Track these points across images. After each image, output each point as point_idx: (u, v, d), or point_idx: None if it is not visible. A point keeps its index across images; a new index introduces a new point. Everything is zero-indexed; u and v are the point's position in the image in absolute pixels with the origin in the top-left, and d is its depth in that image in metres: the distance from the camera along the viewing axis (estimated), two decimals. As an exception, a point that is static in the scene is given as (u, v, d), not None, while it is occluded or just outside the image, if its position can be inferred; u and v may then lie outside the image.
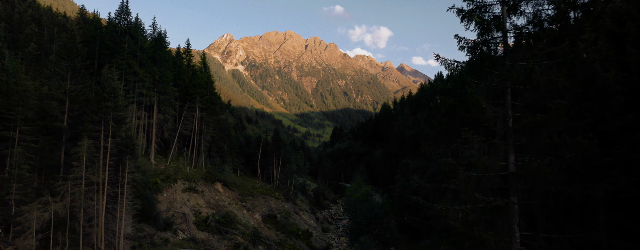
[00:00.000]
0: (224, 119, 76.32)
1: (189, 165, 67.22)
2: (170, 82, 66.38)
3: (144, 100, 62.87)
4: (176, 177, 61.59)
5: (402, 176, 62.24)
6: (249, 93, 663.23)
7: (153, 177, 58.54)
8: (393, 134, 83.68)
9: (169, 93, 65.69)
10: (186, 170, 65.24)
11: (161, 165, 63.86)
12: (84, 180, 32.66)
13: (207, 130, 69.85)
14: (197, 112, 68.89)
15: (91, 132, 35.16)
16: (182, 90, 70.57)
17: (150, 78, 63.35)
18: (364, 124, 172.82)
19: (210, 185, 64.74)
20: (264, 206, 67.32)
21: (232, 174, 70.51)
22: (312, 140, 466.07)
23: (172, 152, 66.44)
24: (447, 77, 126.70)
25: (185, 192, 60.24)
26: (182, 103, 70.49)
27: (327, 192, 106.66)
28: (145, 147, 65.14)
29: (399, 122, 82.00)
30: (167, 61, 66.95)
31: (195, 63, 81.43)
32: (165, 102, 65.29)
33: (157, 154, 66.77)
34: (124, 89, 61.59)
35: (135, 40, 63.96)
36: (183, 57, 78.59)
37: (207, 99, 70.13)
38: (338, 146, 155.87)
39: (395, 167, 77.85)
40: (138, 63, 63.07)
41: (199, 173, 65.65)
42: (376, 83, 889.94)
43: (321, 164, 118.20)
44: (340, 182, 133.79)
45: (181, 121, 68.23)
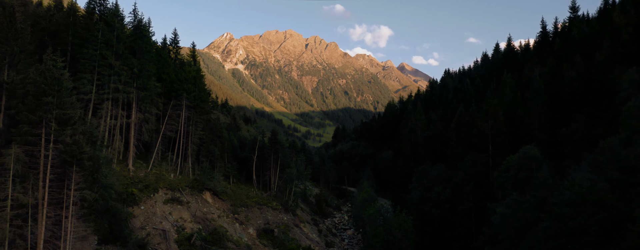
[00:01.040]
0: (215, 119, 67.80)
1: (174, 172, 58.68)
2: (152, 76, 57.84)
3: (121, 96, 54.34)
4: (157, 185, 53.08)
5: (419, 184, 53.71)
6: (249, 92, 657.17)
7: (129, 186, 50.07)
8: (404, 135, 75.17)
9: (151, 89, 57.13)
10: (170, 177, 56.73)
11: (141, 172, 55.34)
12: (9, 202, 24.15)
13: (195, 131, 61.32)
14: (183, 110, 60.35)
15: (27, 136, 26.68)
16: (167, 86, 62.05)
17: (128, 71, 54.84)
18: (367, 124, 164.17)
19: (198, 195, 56.24)
20: (259, 218, 58.81)
21: (224, 181, 62.02)
22: (313, 139, 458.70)
23: (154, 157, 57.92)
24: (458, 75, 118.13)
25: (167, 204, 51.73)
26: (166, 100, 61.96)
27: (330, 198, 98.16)
28: (122, 151, 56.64)
29: (411, 122, 73.55)
30: (149, 52, 58.36)
31: (183, 56, 72.92)
32: (146, 99, 56.73)
33: (137, 159, 58.24)
34: (97, 84, 53.19)
35: (110, 28, 55.26)
36: (170, 49, 70.09)
37: (195, 96, 61.59)
38: (341, 147, 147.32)
39: (408, 172, 69.32)
40: (113, 54, 54.52)
41: (185, 181, 57.14)
42: (377, 82, 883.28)
43: (323, 166, 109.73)
44: (344, 186, 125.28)
45: (165, 121, 59.70)
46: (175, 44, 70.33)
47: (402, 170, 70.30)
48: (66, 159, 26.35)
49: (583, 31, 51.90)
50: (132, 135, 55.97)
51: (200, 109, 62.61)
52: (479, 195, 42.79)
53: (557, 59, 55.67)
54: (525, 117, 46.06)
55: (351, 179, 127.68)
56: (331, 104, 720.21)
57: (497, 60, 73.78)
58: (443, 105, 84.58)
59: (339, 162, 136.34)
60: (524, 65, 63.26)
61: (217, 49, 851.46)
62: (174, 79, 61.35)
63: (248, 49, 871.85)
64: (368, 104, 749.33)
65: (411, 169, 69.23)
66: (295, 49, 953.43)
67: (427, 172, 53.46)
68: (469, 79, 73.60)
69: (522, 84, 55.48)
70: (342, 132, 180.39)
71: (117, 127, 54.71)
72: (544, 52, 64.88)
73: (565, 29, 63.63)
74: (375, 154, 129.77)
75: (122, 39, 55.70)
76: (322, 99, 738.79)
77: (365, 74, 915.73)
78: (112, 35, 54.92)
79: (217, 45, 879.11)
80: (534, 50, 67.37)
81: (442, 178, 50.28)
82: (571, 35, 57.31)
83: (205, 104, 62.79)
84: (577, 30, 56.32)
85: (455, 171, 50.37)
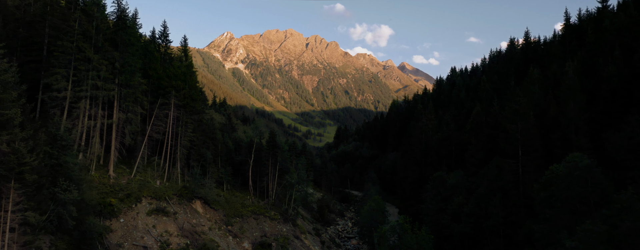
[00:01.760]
0: (207, 119, 61.84)
1: (160, 178, 52.79)
2: (136, 72, 51.89)
3: (100, 94, 48.46)
4: (140, 194, 47.21)
5: (434, 193, 47.76)
6: (249, 92, 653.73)
7: (108, 196, 44.22)
8: (413, 137, 69.18)
9: (134, 86, 51.22)
10: (155, 184, 50.83)
11: (123, 179, 49.45)
12: None
13: (184, 133, 55.41)
14: (171, 110, 54.46)
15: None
16: (154, 83, 56.16)
17: (108, 66, 49.01)
18: (371, 124, 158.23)
19: (187, 204, 50.33)
20: (255, 230, 52.89)
21: (217, 188, 56.11)
22: (313, 139, 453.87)
23: (139, 162, 52.02)
24: (468, 72, 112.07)
25: (151, 216, 45.85)
26: (153, 99, 56.08)
27: (332, 203, 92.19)
28: (103, 155, 50.77)
29: (421, 123, 67.55)
30: (133, 45, 52.43)
31: (174, 51, 66.94)
32: (129, 98, 50.82)
33: (120, 164, 52.37)
34: (73, 81, 47.31)
35: (89, 18, 49.34)
36: (159, 43, 64.13)
37: (185, 94, 55.69)
38: (343, 148, 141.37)
39: (419, 177, 63.38)
40: (92, 47, 48.70)
41: (173, 188, 51.25)
42: (377, 82, 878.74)
43: (325, 169, 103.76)
44: (347, 189, 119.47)
45: (151, 122, 53.80)
46: (165, 38, 64.30)
47: (412, 176, 64.33)
48: (1, 173, 20.43)
49: (621, 21, 45.87)
50: (114, 137, 50.10)
51: (191, 108, 56.71)
52: (509, 209, 36.84)
53: (589, 52, 49.72)
54: (559, 118, 40.07)
55: (354, 182, 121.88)
56: (332, 103, 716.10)
57: (514, 56, 67.83)
58: (454, 104, 78.57)
59: (342, 164, 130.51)
60: (548, 60, 57.29)
61: (217, 48, 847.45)
62: (162, 75, 55.45)
63: (248, 48, 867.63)
64: (369, 103, 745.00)
65: (422, 174, 63.29)
66: (295, 49, 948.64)
67: (444, 179, 47.47)
68: (486, 75, 67.60)
69: (550, 80, 49.52)
70: (344, 132, 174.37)
71: (96, 128, 48.84)
72: (570, 45, 58.91)
73: (593, 20, 57.71)
74: (379, 156, 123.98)
75: (102, 30, 49.85)
76: (323, 98, 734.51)
77: (365, 74, 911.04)
78: (91, 25, 49.08)
79: (218, 44, 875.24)
80: (558, 43, 61.36)
81: (462, 187, 44.29)
82: (602, 27, 51.40)
83: (196, 103, 56.87)
84: (609, 21, 50.40)
85: (477, 179, 44.39)
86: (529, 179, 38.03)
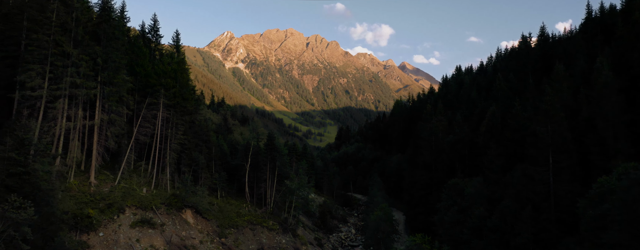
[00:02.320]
0: (201, 120, 57.11)
1: (147, 186, 48.13)
2: (121, 68, 47.33)
3: (80, 93, 43.86)
4: (124, 204, 42.57)
5: (450, 203, 43.04)
6: (250, 91, 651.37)
7: (86, 206, 39.61)
8: (422, 139, 64.48)
9: (119, 84, 46.61)
10: (141, 193, 46.16)
11: (105, 187, 44.81)
12: None
13: (175, 135, 50.76)
14: (160, 110, 49.79)
15: None
16: (141, 81, 51.54)
17: (89, 62, 44.42)
18: (373, 125, 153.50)
19: (176, 215, 45.65)
20: (252, 242, 48.21)
21: (210, 195, 51.45)
22: (314, 139, 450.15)
23: (123, 167, 47.36)
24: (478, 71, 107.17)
25: (135, 228, 41.21)
26: (141, 98, 51.44)
27: (334, 209, 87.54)
28: (84, 160, 46.15)
29: (431, 124, 62.82)
30: (118, 39, 47.80)
31: (165, 47, 62.29)
32: (113, 97, 46.22)
33: (103, 170, 47.72)
34: (49, 78, 42.70)
35: (68, 9, 44.68)
36: (149, 37, 59.48)
37: (175, 93, 51.02)
38: (345, 150, 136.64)
39: (428, 183, 58.70)
40: (71, 40, 44.08)
41: (161, 197, 46.58)
42: (378, 81, 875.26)
43: (327, 172, 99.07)
44: (349, 192, 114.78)
45: (138, 123, 49.16)
46: (156, 32, 59.70)
47: (421, 181, 59.58)
48: None
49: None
50: (96, 141, 45.46)
51: (182, 109, 52.05)
52: (540, 224, 32.16)
53: (619, 47, 45.03)
54: (595, 120, 35.38)
55: (357, 185, 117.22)
56: (332, 103, 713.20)
57: (531, 52, 63.17)
58: (465, 104, 73.82)
59: (343, 166, 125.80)
60: (574, 56, 52.56)
61: (217, 48, 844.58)
62: (150, 72, 50.79)
63: (249, 48, 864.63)
64: (369, 103, 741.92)
65: (432, 180, 58.62)
66: (296, 48, 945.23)
67: (461, 187, 42.76)
68: (500, 73, 62.97)
69: (576, 77, 44.83)
70: (345, 133, 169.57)
71: (75, 131, 44.21)
72: (594, 40, 54.20)
73: (621, 12, 53.03)
74: (382, 158, 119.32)
75: (82, 22, 45.18)
76: (323, 98, 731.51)
77: (366, 73, 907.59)
78: (70, 17, 44.42)
79: (218, 43, 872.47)
80: (580, 39, 56.64)
81: (482, 197, 39.58)
82: (632, 19, 46.74)
83: (187, 103, 52.20)
84: (640, 13, 45.69)
85: (499, 188, 39.68)
86: (563, 191, 33.36)
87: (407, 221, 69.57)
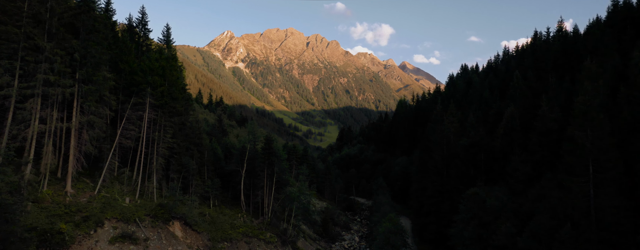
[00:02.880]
0: (192, 121, 52.39)
1: (131, 195, 43.42)
2: (102, 64, 42.56)
3: (55, 92, 39.13)
4: (103, 216, 37.81)
5: (470, 216, 38.26)
6: (250, 91, 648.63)
7: (59, 219, 34.92)
8: (432, 142, 59.75)
9: (99, 82, 41.84)
10: (124, 203, 41.43)
11: (83, 197, 40.11)
12: None
13: (163, 138, 46.04)
14: (146, 111, 45.07)
15: None
16: (126, 79, 46.82)
17: (65, 57, 39.70)
18: (376, 125, 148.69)
19: (162, 227, 40.94)
20: (247, 258, 43.51)
21: (201, 205, 46.76)
22: (314, 139, 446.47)
23: (105, 174, 42.62)
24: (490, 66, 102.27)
25: (114, 244, 36.48)
26: (125, 98, 46.72)
27: (337, 214, 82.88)
28: (60, 167, 41.45)
29: (443, 125, 58.09)
30: (99, 33, 43.04)
31: (154, 43, 57.54)
32: (92, 96, 41.46)
33: (82, 177, 43.01)
34: (20, 74, 38.07)
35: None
36: (136, 31, 54.78)
37: (163, 92, 46.32)
38: (347, 151, 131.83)
39: (440, 190, 53.95)
40: (45, 33, 39.43)
41: (146, 207, 41.86)
42: (378, 81, 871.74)
43: (329, 175, 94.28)
44: (352, 196, 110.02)
45: (121, 125, 44.43)
46: (144, 26, 54.97)
47: (432, 188, 54.84)
48: None
49: None
50: (73, 145, 40.70)
51: (171, 109, 47.31)
52: (581, 246, 27.45)
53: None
54: None
55: (360, 188, 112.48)
56: (332, 102, 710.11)
57: (551, 48, 58.45)
58: (477, 104, 69.08)
59: (346, 168, 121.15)
60: (596, 52, 47.85)
61: (217, 47, 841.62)
62: (135, 69, 46.08)
63: (249, 47, 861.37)
64: (370, 103, 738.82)
65: (444, 187, 53.93)
66: (296, 48, 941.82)
67: (482, 198, 38.05)
68: (519, 71, 58.27)
69: (609, 74, 40.10)
70: (347, 134, 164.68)
71: (50, 134, 39.51)
72: (622, 34, 49.47)
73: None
74: (386, 160, 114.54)
75: (57, 13, 40.43)
76: (324, 97, 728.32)
77: (366, 73, 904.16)
78: (43, 6, 39.66)
79: (218, 43, 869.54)
80: (608, 33, 51.81)
81: (507, 210, 34.85)
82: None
83: (177, 102, 47.46)
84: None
85: (526, 200, 34.96)
86: (606, 205, 28.65)
87: (415, 229, 64.87)
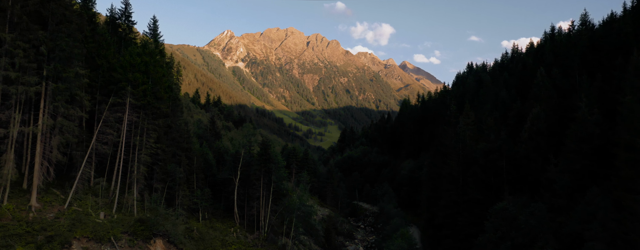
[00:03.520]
0: (180, 124, 46.89)
1: (107, 209, 37.94)
2: (74, 59, 37.12)
3: (16, 91, 33.73)
4: (71, 236, 32.33)
5: (499, 235, 32.77)
6: (250, 90, 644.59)
7: (19, 240, 29.53)
8: (445, 146, 54.28)
9: (70, 79, 36.43)
10: (98, 218, 35.96)
11: (50, 211, 34.67)
12: None
13: (145, 143, 40.57)
14: (126, 112, 39.62)
15: None
16: (104, 76, 41.37)
17: (29, 51, 34.27)
18: (379, 126, 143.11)
19: (142, 246, 35.48)
20: (240, 280, 38.07)
21: (189, 218, 41.25)
22: (314, 139, 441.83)
23: (76, 185, 37.18)
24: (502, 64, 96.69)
25: (83, 269, 31.06)
26: (103, 97, 41.26)
27: (340, 222, 77.46)
28: (26, 176, 36.00)
29: (458, 128, 52.63)
30: (70, 23, 37.58)
31: (139, 35, 52.07)
32: (62, 96, 36.02)
33: (51, 189, 37.56)
34: (-26, 70, 32.72)
35: (1, -18, 34.54)
36: (119, 23, 49.31)
37: (146, 91, 40.85)
38: (350, 153, 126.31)
39: (456, 201, 48.49)
40: (6, 22, 34.12)
41: (123, 223, 36.40)
42: (379, 81, 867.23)
43: (331, 180, 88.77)
44: (355, 201, 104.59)
45: (97, 129, 38.96)
46: (127, 18, 49.48)
47: (447, 198, 49.39)
48: None
49: None
50: (39, 152, 35.28)
51: (155, 110, 41.83)
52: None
53: None
54: None
55: (364, 193, 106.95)
56: (333, 102, 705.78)
57: (577, 43, 53.05)
58: (493, 105, 63.59)
59: (348, 172, 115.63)
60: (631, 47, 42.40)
61: (217, 47, 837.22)
62: (115, 64, 40.63)
63: (249, 47, 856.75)
64: (370, 102, 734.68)
65: (461, 197, 48.49)
66: (296, 47, 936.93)
67: (512, 214, 32.63)
68: (544, 68, 52.72)
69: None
70: (350, 135, 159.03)
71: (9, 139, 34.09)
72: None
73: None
74: (391, 163, 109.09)
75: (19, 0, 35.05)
76: (324, 97, 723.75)
77: (366, 72, 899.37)
78: (3, -8, 34.32)
79: (218, 42, 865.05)
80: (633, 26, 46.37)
81: (545, 230, 29.38)
82: None
83: (161, 103, 41.97)
84: None
85: (569, 219, 29.47)
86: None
87: (426, 241, 59.40)
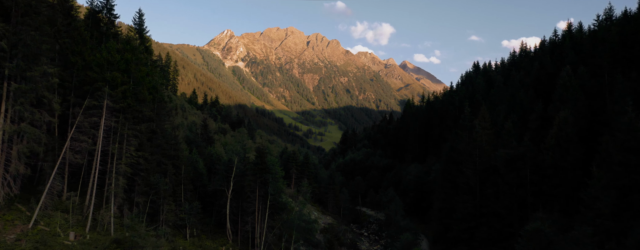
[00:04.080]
0: (167, 129, 42.05)
1: (79, 228, 33.12)
2: (41, 56, 32.32)
3: (-30, 92, 28.98)
4: (32, 262, 27.62)
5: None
6: (250, 90, 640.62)
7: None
8: (457, 152, 49.51)
9: (36, 79, 31.64)
10: (67, 239, 31.15)
11: (11, 232, 29.89)
12: None
13: (125, 152, 35.76)
14: (103, 116, 34.81)
15: None
16: (78, 76, 36.56)
17: (-14, 45, 29.54)
18: (381, 127, 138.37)
19: (118, 272, 30.74)
20: (232, 309, 33.33)
21: (175, 236, 36.40)
22: (314, 139, 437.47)
23: (43, 200, 32.36)
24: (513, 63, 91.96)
25: (44, 303, 26.30)
26: (78, 100, 36.44)
27: (343, 232, 72.59)
28: (-17, 190, 31.20)
29: (474, 133, 47.80)
30: (39, 15, 32.79)
31: (123, 31, 47.30)
32: (26, 98, 31.20)
33: (15, 204, 32.77)
34: None
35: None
36: (100, 17, 44.49)
37: (126, 92, 36.04)
38: (352, 156, 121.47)
39: (473, 213, 43.68)
40: (-42, 13, 29.22)
41: (97, 244, 31.57)
42: (379, 80, 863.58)
43: (332, 185, 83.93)
44: (358, 206, 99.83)
45: (70, 135, 34.15)
46: (109, 11, 44.68)
47: (464, 210, 44.63)
48: None
49: None
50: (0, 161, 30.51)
51: (136, 114, 37.03)
52: None
53: None
54: None
55: (368, 198, 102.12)
56: (333, 102, 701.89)
57: (605, 38, 48.31)
58: (510, 107, 58.75)
59: (350, 175, 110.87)
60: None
61: (217, 46, 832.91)
62: (91, 62, 35.82)
63: (249, 47, 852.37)
64: (370, 102, 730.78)
65: (478, 209, 43.71)
66: (296, 47, 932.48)
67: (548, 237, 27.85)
68: (570, 66, 47.84)
69: None
70: (351, 137, 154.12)
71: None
72: None
73: None
74: (396, 166, 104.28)
75: (-25, -13, 30.29)
76: (324, 97, 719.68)
77: (367, 72, 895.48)
78: (-45, -23, 29.60)
79: (218, 42, 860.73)
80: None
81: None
82: None
83: (144, 105, 37.15)
84: None
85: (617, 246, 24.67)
86: None
87: None
